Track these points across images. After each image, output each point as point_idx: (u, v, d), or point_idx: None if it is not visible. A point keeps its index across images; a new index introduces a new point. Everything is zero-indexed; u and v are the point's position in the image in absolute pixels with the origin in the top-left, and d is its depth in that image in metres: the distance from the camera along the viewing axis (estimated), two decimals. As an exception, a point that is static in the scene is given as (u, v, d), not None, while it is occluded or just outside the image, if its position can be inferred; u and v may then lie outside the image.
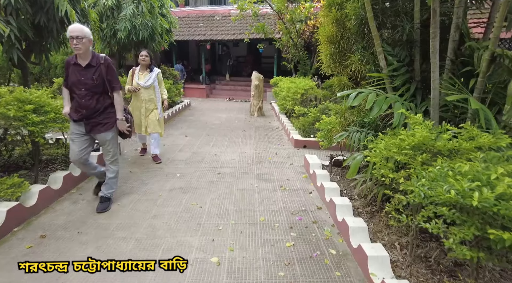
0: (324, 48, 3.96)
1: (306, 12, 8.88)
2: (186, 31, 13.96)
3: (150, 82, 4.55)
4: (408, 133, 2.22)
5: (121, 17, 6.62)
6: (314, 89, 6.82)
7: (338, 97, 3.54)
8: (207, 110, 10.55)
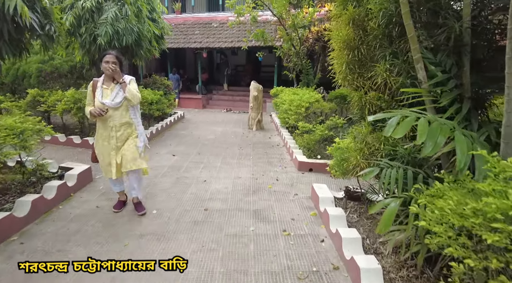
0: (338, 56, 3.15)
1: (309, 18, 8.15)
2: (181, 38, 13.26)
3: (119, 98, 3.08)
4: (492, 186, 1.38)
5: (101, 21, 5.85)
6: (320, 102, 6.02)
7: (370, 121, 2.70)
8: (202, 122, 9.73)
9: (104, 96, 3.10)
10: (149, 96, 7.19)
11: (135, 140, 3.20)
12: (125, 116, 3.15)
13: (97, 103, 3.07)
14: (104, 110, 3.01)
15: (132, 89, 3.08)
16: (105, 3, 6.06)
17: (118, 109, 3.10)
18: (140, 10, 6.75)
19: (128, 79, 3.17)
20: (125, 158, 3.12)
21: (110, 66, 3.02)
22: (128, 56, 7.40)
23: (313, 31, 8.91)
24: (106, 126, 3.12)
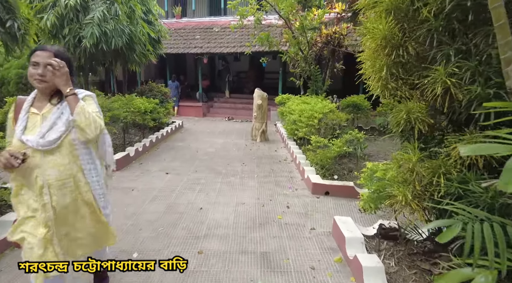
0: (373, 57, 2.43)
1: (318, 20, 7.46)
2: (181, 43, 12.64)
3: (57, 132, 1.65)
4: None
5: (87, 21, 5.18)
6: (336, 113, 5.28)
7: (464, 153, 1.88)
8: (202, 133, 9.01)
9: (29, 128, 1.66)
10: (142, 105, 6.48)
11: (95, 212, 1.83)
12: (71, 167, 1.71)
13: (14, 141, 1.65)
14: (20, 158, 1.52)
15: (87, 110, 1.65)
16: (92, 2, 5.40)
17: (54, 153, 1.65)
18: (133, 10, 6.09)
19: (82, 95, 1.78)
20: (79, 242, 1.84)
21: (40, 73, 1.60)
22: (120, 60, 6.74)
23: (322, 35, 8.22)
24: (30, 184, 1.66)
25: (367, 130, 9.13)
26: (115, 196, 4.12)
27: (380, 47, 2.30)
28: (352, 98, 8.29)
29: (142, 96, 8.64)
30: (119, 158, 5.34)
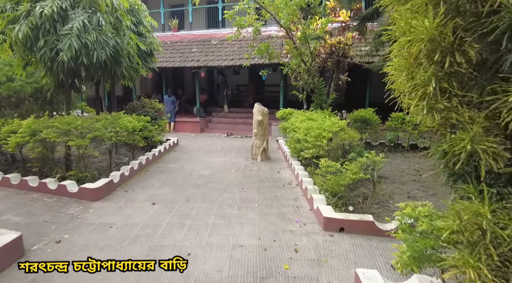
0: (408, 67, 1.81)
1: (322, 29, 6.92)
2: (177, 57, 12.16)
3: None
4: None
5: (64, 32, 4.61)
6: (347, 131, 4.63)
7: None
8: (198, 151, 8.35)
9: None
10: (130, 123, 5.85)
11: None
12: None
13: None
14: None
15: None
16: (72, 11, 4.85)
17: None
18: (119, 21, 5.54)
19: None
20: None
21: None
22: (106, 75, 6.15)
23: (326, 45, 7.67)
24: None
25: (376, 146, 8.48)
26: (89, 235, 3.44)
27: (425, 52, 1.67)
28: (360, 112, 7.67)
29: (133, 113, 8.07)
30: (101, 186, 4.69)
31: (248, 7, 7.22)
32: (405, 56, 1.94)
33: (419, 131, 7.97)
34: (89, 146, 5.36)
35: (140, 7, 7.02)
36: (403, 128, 8.25)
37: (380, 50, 5.92)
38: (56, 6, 4.62)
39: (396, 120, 8.28)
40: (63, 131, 4.86)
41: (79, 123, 4.92)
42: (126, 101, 11.38)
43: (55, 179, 4.97)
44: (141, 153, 7.60)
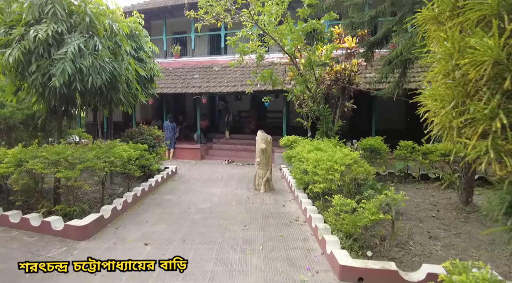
0: (453, 97, 1.45)
1: (327, 55, 6.72)
2: (179, 83, 12.02)
3: None
4: None
5: (58, 56, 4.35)
6: (361, 164, 4.23)
7: None
8: (197, 180, 7.91)
9: None
10: (125, 153, 5.48)
11: None
12: None
13: None
14: None
15: None
16: (68, 35, 4.62)
17: None
18: (118, 45, 5.33)
19: None
20: None
21: None
22: (102, 101, 5.86)
23: (330, 72, 7.46)
24: None
25: (385, 176, 8.04)
26: (66, 288, 2.96)
27: (487, 78, 1.32)
28: (368, 141, 7.32)
29: (131, 140, 7.74)
30: (89, 224, 4.22)
31: (251, 34, 7.08)
32: (450, 83, 1.59)
33: (430, 160, 7.58)
34: (80, 177, 4.98)
35: (141, 32, 6.88)
36: (413, 157, 7.86)
37: (389, 76, 5.65)
38: (51, 30, 4.39)
39: (405, 148, 7.91)
40: (51, 162, 4.47)
41: (69, 153, 4.55)
42: (125, 127, 11.12)
43: (39, 215, 4.52)
44: (138, 182, 7.19)
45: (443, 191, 6.78)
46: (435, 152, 7.48)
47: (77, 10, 4.90)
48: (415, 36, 3.90)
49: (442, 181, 7.20)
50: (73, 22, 4.80)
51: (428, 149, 7.66)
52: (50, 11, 4.50)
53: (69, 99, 5.11)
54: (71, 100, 5.20)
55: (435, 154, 7.45)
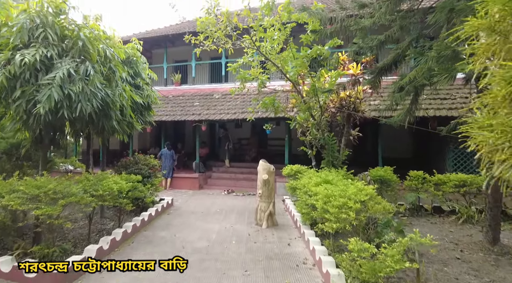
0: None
1: (331, 82, 6.45)
2: (179, 110, 11.77)
3: None
4: None
5: (45, 81, 4.03)
6: (378, 200, 3.76)
7: None
8: (194, 214, 7.37)
9: None
10: (115, 185, 5.03)
11: None
12: None
13: None
14: None
15: None
16: (59, 60, 4.34)
17: None
18: (113, 71, 5.05)
19: None
20: None
21: None
22: (94, 129, 5.50)
23: (335, 99, 7.17)
24: None
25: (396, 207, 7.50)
26: None
27: None
28: (377, 171, 6.88)
29: (125, 170, 7.31)
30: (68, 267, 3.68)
31: (253, 60, 6.87)
32: None
33: (443, 192, 7.09)
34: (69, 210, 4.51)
35: (139, 59, 6.67)
36: (424, 188, 7.38)
37: (400, 103, 5.32)
38: (40, 54, 4.11)
39: (416, 179, 7.45)
40: (30, 197, 4.01)
41: (51, 187, 4.09)
42: (122, 156, 10.72)
43: (12, 257, 3.98)
44: (130, 216, 6.68)
45: (461, 226, 6.23)
46: (448, 183, 7.00)
47: (71, 35, 4.67)
48: (431, 60, 3.60)
49: (459, 215, 6.67)
50: (65, 46, 4.55)
51: (440, 180, 7.20)
52: (41, 35, 4.26)
53: (56, 127, 4.74)
54: (59, 128, 4.83)
55: (448, 185, 6.97)
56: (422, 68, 3.91)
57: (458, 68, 3.04)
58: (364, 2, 4.90)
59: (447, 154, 8.91)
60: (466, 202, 6.95)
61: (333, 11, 5.35)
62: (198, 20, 5.30)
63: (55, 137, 5.20)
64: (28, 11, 4.37)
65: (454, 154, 8.63)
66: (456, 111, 8.16)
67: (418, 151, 12.00)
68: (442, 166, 9.34)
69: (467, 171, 8.31)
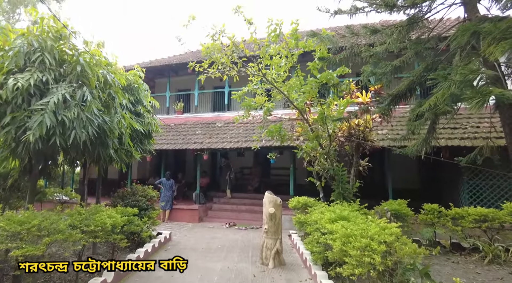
0: None
1: (340, 111, 6.20)
2: (180, 139, 11.49)
3: None
4: None
5: (38, 107, 3.75)
6: (405, 241, 3.30)
7: None
8: (193, 250, 6.81)
9: None
10: (109, 220, 4.59)
11: None
12: None
13: None
14: None
15: None
16: (55, 85, 4.09)
17: None
18: (112, 97, 4.80)
19: None
20: None
21: None
22: (90, 158, 5.15)
23: (343, 128, 6.89)
24: None
25: (411, 244, 6.94)
26: None
27: None
28: (391, 205, 6.43)
29: (122, 201, 6.87)
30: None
31: (258, 88, 6.67)
32: None
33: (463, 227, 6.56)
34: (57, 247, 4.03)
35: (141, 86, 6.48)
36: (441, 223, 6.86)
37: (416, 132, 5.00)
38: (35, 79, 3.87)
39: (432, 213, 6.96)
40: (10, 234, 3.57)
41: (35, 223, 3.65)
42: (120, 186, 10.27)
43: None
44: (124, 252, 6.16)
45: (487, 267, 5.67)
46: (466, 218, 6.50)
47: (70, 60, 4.47)
48: (455, 84, 3.33)
49: (483, 253, 6.10)
50: (63, 71, 4.32)
51: (457, 214, 6.72)
52: (38, 59, 4.05)
53: (48, 156, 4.39)
54: (51, 157, 4.48)
55: (467, 220, 6.46)
56: (444, 93, 3.63)
57: (495, 91, 2.75)
58: (376, 28, 4.75)
59: (461, 186, 8.46)
60: (489, 239, 6.41)
61: (343, 36, 5.22)
62: (203, 46, 5.14)
63: (46, 166, 4.85)
64: (26, 35, 4.19)
65: (469, 185, 8.18)
66: (469, 140, 7.85)
67: (427, 182, 11.53)
68: (455, 198, 8.86)
69: (484, 204, 7.83)
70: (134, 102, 6.24)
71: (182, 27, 5.31)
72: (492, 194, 7.96)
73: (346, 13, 5.34)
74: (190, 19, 5.24)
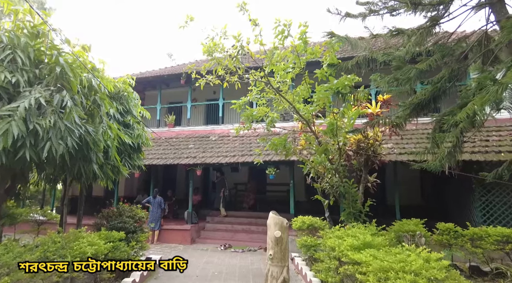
0: None
1: (349, 123, 5.68)
2: (171, 153, 10.78)
3: None
4: None
5: (5, 112, 3.08)
6: (456, 277, 2.70)
7: None
8: (188, 277, 6.02)
9: None
10: (90, 248, 3.84)
11: None
12: None
13: None
14: None
15: None
16: (29, 88, 3.43)
17: None
18: (98, 105, 4.15)
19: None
20: None
21: None
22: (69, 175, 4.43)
23: (351, 141, 6.36)
24: None
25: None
26: None
27: None
28: (407, 225, 5.86)
29: (107, 223, 6.11)
30: None
31: (260, 98, 6.13)
32: None
33: (484, 249, 6.01)
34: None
35: (131, 94, 5.85)
36: (458, 244, 6.30)
37: (440, 146, 4.50)
38: (1, 79, 3.21)
39: (447, 233, 6.40)
40: (-39, 273, 2.82)
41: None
42: (105, 204, 9.40)
43: None
44: (108, 282, 5.33)
45: (519, 295, 5.10)
46: (487, 239, 5.96)
47: (48, 60, 3.84)
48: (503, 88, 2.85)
49: (510, 279, 5.54)
50: (39, 72, 3.67)
51: (476, 234, 6.17)
52: (8, 58, 3.40)
53: (16, 173, 3.67)
54: (20, 174, 3.76)
55: (487, 241, 5.92)
56: (484, 99, 3.14)
57: None
58: (399, 28, 4.33)
59: (473, 203, 7.97)
60: (513, 262, 5.87)
61: (362, 38, 4.77)
62: (204, 46, 4.60)
63: (14, 185, 4.10)
64: (-5, 30, 3.56)
65: (481, 202, 7.70)
66: (481, 154, 7.44)
67: (431, 198, 11.05)
68: (465, 215, 8.37)
69: (499, 223, 7.33)
70: (123, 111, 5.59)
71: (179, 29, 4.75)
72: (507, 211, 7.49)
73: (357, 17, 4.93)
74: (188, 19, 4.70)
